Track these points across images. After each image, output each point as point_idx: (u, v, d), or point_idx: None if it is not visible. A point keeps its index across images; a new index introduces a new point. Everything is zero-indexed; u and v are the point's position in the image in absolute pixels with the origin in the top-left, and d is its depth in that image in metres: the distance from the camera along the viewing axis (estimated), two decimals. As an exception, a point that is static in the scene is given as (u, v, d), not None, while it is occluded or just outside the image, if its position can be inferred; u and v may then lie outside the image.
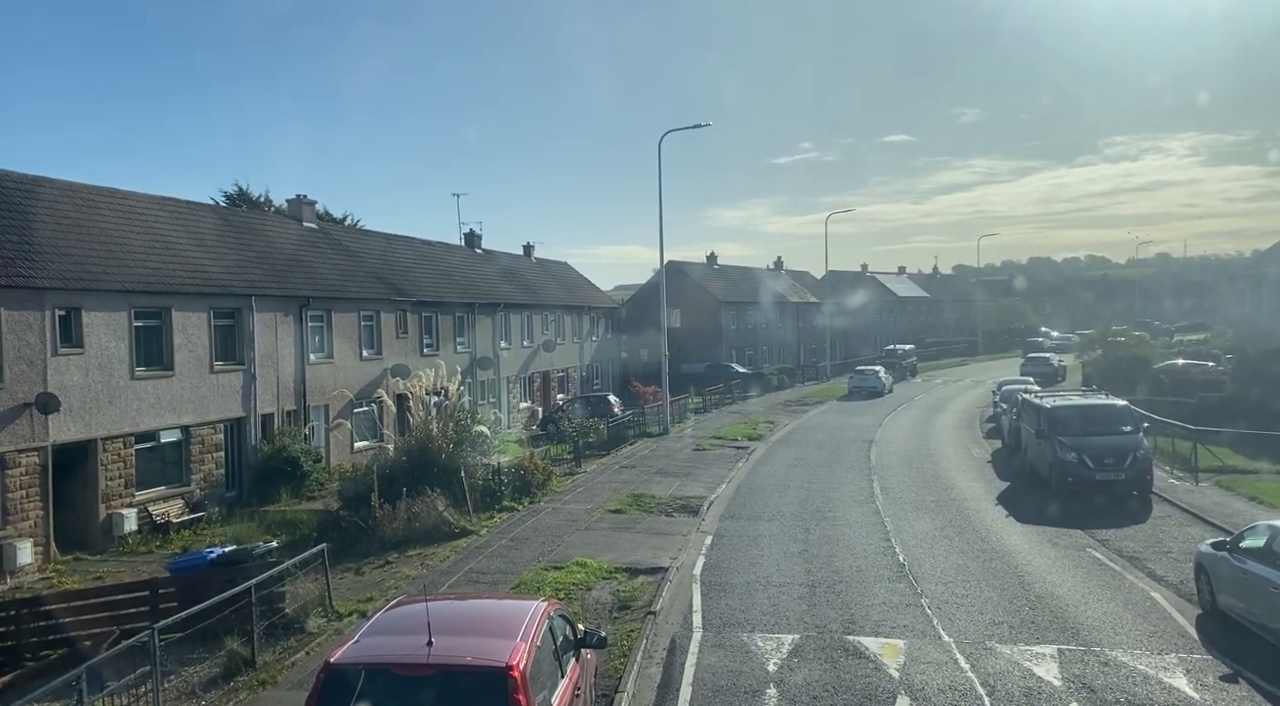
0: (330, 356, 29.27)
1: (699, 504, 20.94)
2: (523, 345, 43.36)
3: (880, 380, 50.71)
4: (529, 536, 17.97)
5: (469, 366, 38.16)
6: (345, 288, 31.01)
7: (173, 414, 23.10)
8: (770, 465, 27.32)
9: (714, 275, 65.95)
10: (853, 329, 78.10)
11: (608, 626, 12.42)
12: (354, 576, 15.99)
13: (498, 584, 14.53)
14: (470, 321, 38.33)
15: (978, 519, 19.52)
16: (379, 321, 31.95)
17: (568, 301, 49.63)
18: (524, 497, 20.95)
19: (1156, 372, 37.87)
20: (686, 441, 32.66)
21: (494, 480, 20.56)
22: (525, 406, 43.47)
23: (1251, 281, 45.70)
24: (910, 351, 68.16)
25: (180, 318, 23.46)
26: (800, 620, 12.65)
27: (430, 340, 35.53)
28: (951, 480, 24.20)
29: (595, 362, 52.44)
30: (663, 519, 19.57)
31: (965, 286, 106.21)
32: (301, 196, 34.30)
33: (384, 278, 34.11)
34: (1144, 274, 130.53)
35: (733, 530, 18.54)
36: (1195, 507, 19.65)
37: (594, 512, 20.09)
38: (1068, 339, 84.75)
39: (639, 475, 25.38)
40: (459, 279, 40.17)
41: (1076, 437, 21.57)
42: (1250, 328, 42.72)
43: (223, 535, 20.94)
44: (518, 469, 21.48)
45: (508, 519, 19.57)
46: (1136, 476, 20.88)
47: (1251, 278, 46.11)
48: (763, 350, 65.71)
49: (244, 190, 52.02)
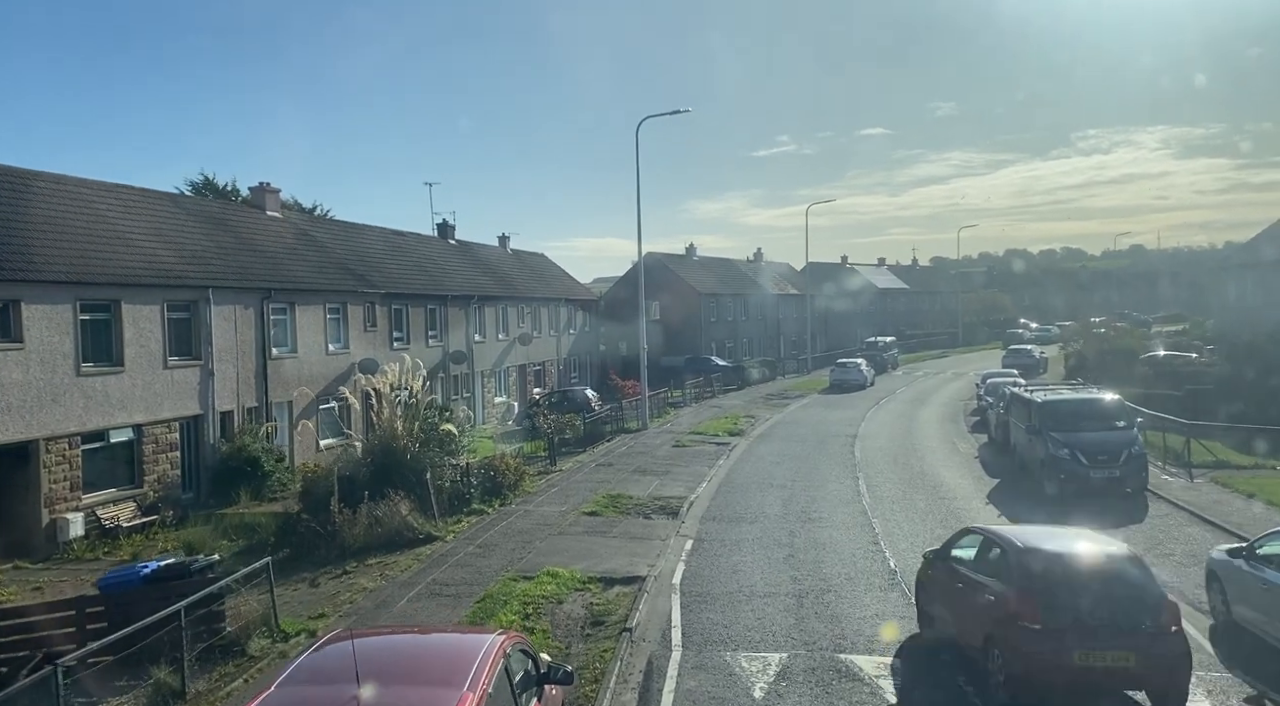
0: (294, 351, 28.06)
1: (679, 505, 20.00)
2: (498, 338, 42.24)
3: (862, 373, 50.06)
4: (498, 542, 16.93)
5: (442, 360, 37.03)
6: (310, 279, 29.78)
7: (123, 412, 21.85)
8: (752, 462, 26.43)
9: (693, 267, 65.00)
10: (833, 321, 77.44)
11: (579, 645, 11.44)
12: (308, 588, 14.91)
13: (461, 597, 13.50)
14: (443, 314, 37.17)
15: (970, 520, 18.61)
16: (346, 314, 30.75)
17: (545, 293, 48.53)
18: (494, 499, 19.88)
19: (1142, 364, 37.33)
20: (666, 437, 31.71)
21: (462, 481, 19.46)
22: (501, 401, 42.39)
23: (1234, 272, 45.35)
24: (891, 343, 67.58)
25: (131, 310, 22.19)
26: (788, 636, 11.73)
27: (401, 334, 34.36)
28: (939, 477, 23.41)
29: (573, 356, 51.38)
30: (640, 521, 18.60)
31: (944, 278, 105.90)
32: (265, 185, 32.97)
33: (352, 269, 32.90)
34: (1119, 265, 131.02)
35: (714, 533, 17.61)
36: (1193, 505, 18.93)
37: (568, 515, 19.07)
38: (1047, 330, 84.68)
39: (616, 473, 24.40)
40: (431, 270, 38.97)
41: (1069, 433, 20.81)
42: (1235, 319, 42.32)
43: (176, 540, 19.82)
44: (487, 469, 20.39)
45: (476, 523, 18.50)
46: (1131, 473, 20.15)
47: (1235, 268, 45.75)
48: (743, 343, 64.88)
49: (210, 179, 50.48)
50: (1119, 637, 9.03)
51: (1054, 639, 8.98)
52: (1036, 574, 9.47)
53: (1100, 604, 9.23)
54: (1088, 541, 10.22)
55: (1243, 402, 27.07)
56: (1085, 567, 9.65)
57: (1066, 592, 9.30)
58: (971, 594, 10.23)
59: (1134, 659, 8.96)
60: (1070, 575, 9.52)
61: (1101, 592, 9.32)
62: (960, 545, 11.21)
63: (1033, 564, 9.59)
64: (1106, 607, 9.21)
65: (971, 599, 10.19)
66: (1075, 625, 9.08)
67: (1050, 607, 9.15)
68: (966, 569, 10.60)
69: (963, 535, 11.43)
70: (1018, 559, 9.71)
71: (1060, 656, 8.94)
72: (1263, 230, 48.79)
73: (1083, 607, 9.19)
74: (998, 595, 9.69)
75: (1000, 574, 9.89)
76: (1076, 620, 9.12)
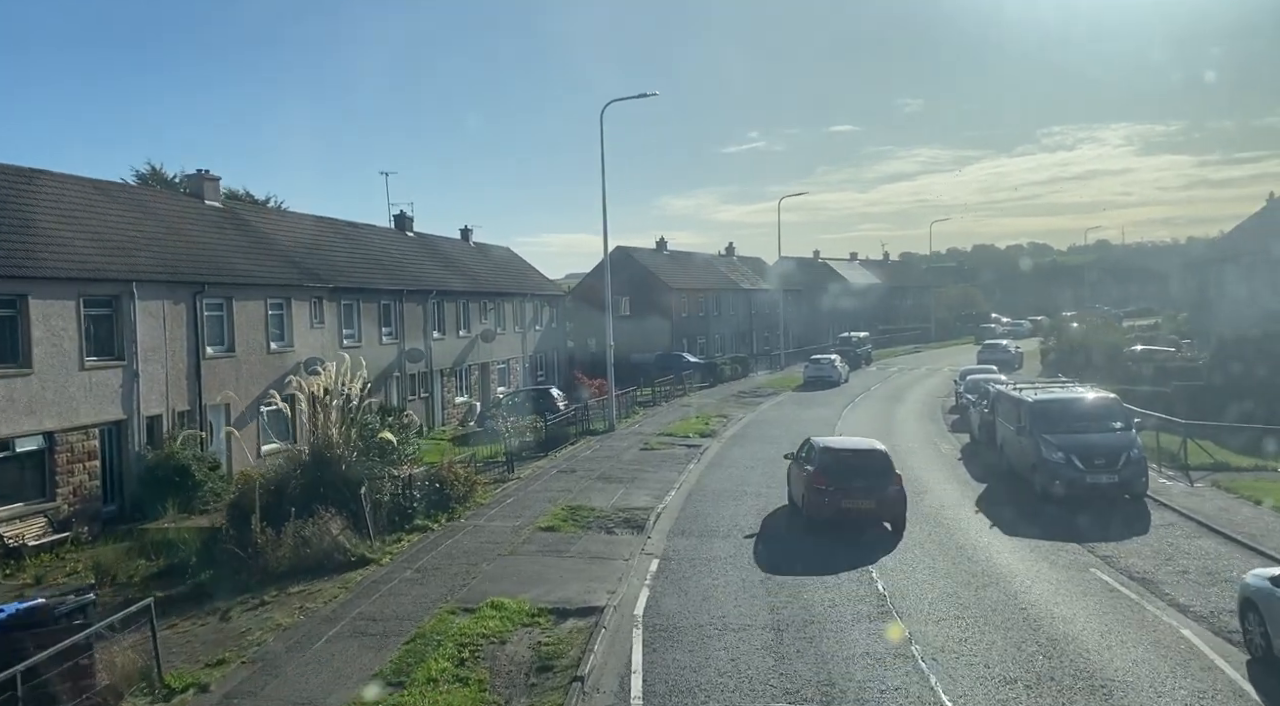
0: (230, 349, 26.00)
1: (644, 517, 18.28)
2: (459, 335, 40.26)
3: (836, 369, 48.61)
4: (440, 565, 15.08)
5: (398, 359, 35.07)
6: (250, 272, 27.70)
7: (31, 418, 19.73)
8: (724, 467, 24.79)
9: (664, 261, 63.27)
10: (806, 316, 76.18)
11: (521, 699, 9.69)
12: (218, 621, 13.01)
13: (389, 636, 11.67)
14: (399, 310, 35.17)
15: (959, 531, 17.18)
16: (290, 310, 28.69)
17: (509, 288, 46.58)
18: (441, 514, 17.97)
19: (1126, 360, 36.18)
20: (634, 439, 30.00)
21: (404, 495, 17.54)
22: (462, 401, 40.46)
23: (1216, 266, 44.44)
24: (865, 339, 66.35)
25: (41, 306, 20.05)
26: (767, 683, 10.05)
27: (352, 331, 32.35)
28: (923, 483, 21.90)
29: (539, 353, 49.49)
30: (602, 537, 16.85)
31: (916, 273, 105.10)
32: (204, 172, 30.74)
33: (298, 261, 30.82)
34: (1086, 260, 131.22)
35: (682, 551, 15.91)
36: (1199, 514, 17.53)
37: (522, 531, 17.26)
38: (1019, 325, 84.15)
39: (578, 481, 22.64)
40: (386, 263, 36.92)
41: (1063, 436, 19.38)
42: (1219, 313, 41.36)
43: (88, 559, 17.88)
44: (434, 479, 18.46)
45: (418, 542, 16.62)
46: (1131, 478, 18.74)
47: (1216, 262, 44.84)
48: (715, 339, 63.29)
49: (157, 170, 47.96)
50: (868, 494, 16.60)
51: (831, 494, 16.52)
52: (827, 460, 17.04)
53: (858, 475, 16.74)
54: (862, 440, 19.09)
55: (1239, 400, 25.82)
56: (854, 457, 17.22)
57: (841, 470, 16.76)
58: (799, 472, 18.22)
59: (875, 505, 16.70)
60: (842, 460, 17.04)
61: (860, 469, 16.84)
62: (802, 449, 18.74)
63: (825, 455, 17.23)
64: (862, 478, 16.71)
65: (799, 475, 18.14)
66: (843, 486, 16.49)
67: (830, 477, 16.65)
68: (799, 460, 18.52)
69: (804, 444, 18.95)
70: (819, 453, 17.41)
71: (835, 503, 16.53)
72: (1240, 223, 48.14)
73: (849, 478, 16.61)
74: (808, 472, 17.34)
75: (811, 461, 17.56)
76: (845, 484, 16.51)
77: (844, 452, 17.37)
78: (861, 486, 16.51)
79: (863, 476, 16.69)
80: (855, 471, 16.71)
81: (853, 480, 16.54)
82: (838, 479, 16.51)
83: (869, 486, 16.56)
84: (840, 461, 16.91)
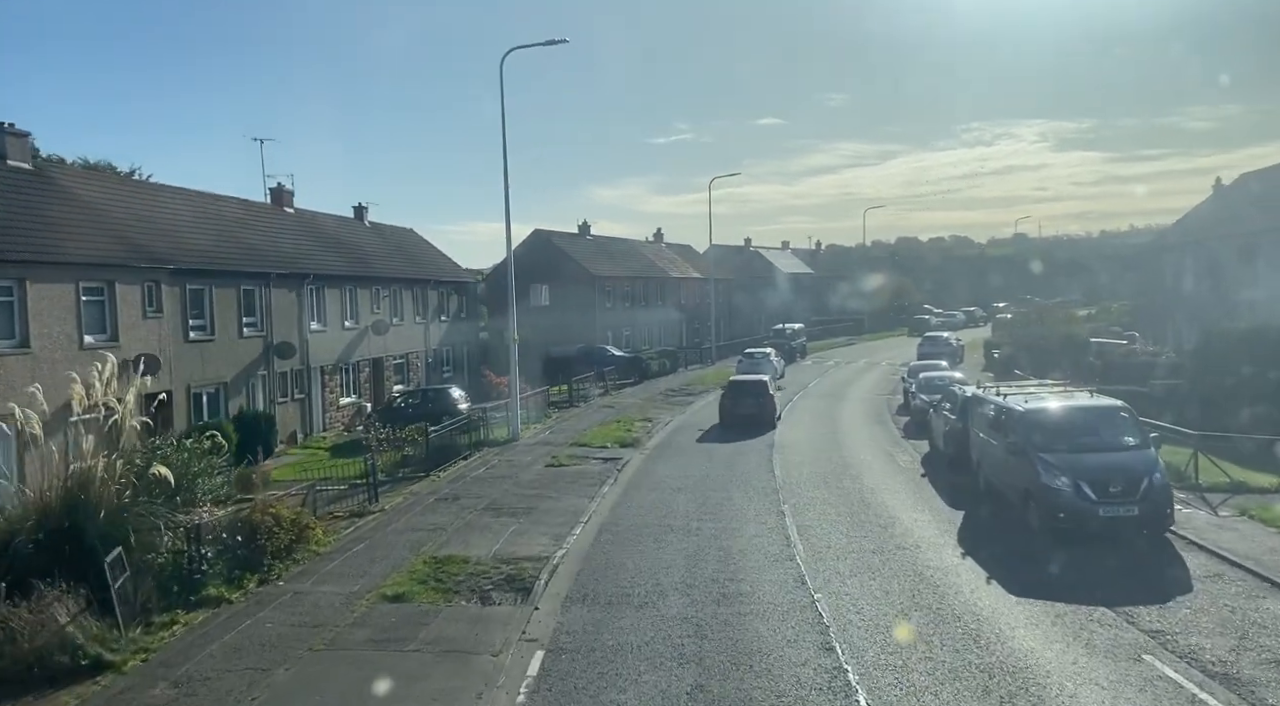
0: (24, 344, 20.56)
1: (535, 573, 13.65)
2: (344, 326, 34.99)
3: (772, 364, 44.51)
4: (214, 672, 10.17)
5: (264, 354, 29.72)
6: (58, 248, 22.22)
7: None
8: (646, 490, 20.32)
9: (588, 246, 58.59)
10: (738, 307, 72.53)
11: None
12: None
13: None
14: (265, 296, 29.81)
15: (949, 588, 13.02)
16: (114, 295, 23.26)
17: (409, 274, 41.40)
18: (249, 576, 12.95)
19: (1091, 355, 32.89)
20: (540, 452, 25.34)
21: (193, 551, 12.48)
22: (349, 402, 35.20)
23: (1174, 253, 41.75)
24: (800, 331, 62.88)
25: None
26: None
27: (201, 321, 26.96)
28: (888, 510, 17.81)
29: (446, 347, 44.37)
30: (471, 609, 12.18)
31: (847, 264, 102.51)
32: (6, 125, 24.86)
33: (131, 237, 25.31)
34: (1006, 253, 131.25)
35: (580, 634, 11.35)
36: (1247, 559, 13.67)
37: (358, 602, 12.43)
38: (952, 316, 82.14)
39: (459, 514, 17.88)
40: (252, 242, 31.44)
41: (1066, 455, 15.40)
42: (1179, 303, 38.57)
43: None
44: (240, 527, 13.37)
45: (201, 625, 11.57)
46: (1154, 511, 14.74)
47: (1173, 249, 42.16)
48: (642, 330, 58.89)
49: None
50: (748, 402, 29.15)
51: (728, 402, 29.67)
52: (725, 392, 30.40)
53: (745, 396, 29.43)
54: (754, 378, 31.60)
55: (1236, 402, 22.38)
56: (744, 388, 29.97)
57: (736, 394, 29.75)
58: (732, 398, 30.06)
59: (755, 408, 28.91)
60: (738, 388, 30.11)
61: (746, 392, 29.60)
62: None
63: (726, 390, 30.68)
64: (748, 396, 29.39)
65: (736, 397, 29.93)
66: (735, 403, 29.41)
67: (730, 399, 29.69)
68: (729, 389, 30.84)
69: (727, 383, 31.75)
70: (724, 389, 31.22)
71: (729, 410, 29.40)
72: (1188, 211, 45.74)
73: (738, 399, 29.43)
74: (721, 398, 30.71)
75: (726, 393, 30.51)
76: (736, 400, 29.44)
77: (741, 386, 30.43)
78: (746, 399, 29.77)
79: (748, 397, 29.80)
80: (743, 393, 29.91)
81: (740, 399, 29.73)
82: (732, 401, 29.95)
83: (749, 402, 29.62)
84: (735, 390, 30.32)
